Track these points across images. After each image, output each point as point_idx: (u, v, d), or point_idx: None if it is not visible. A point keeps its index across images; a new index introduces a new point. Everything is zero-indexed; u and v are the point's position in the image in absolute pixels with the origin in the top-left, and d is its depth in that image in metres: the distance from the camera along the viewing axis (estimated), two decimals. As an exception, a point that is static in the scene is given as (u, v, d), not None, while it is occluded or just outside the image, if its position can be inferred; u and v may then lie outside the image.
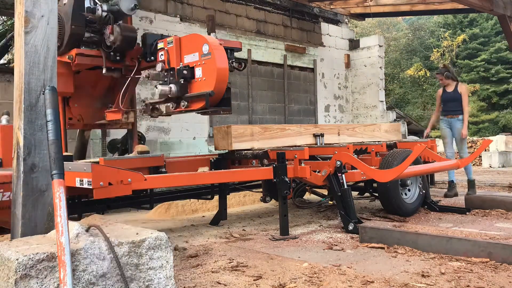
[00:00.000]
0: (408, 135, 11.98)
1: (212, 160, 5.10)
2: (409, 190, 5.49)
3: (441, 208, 5.60)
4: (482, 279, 2.96)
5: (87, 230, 2.31)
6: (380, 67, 11.08)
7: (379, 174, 4.61)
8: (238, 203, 6.80)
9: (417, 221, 5.02)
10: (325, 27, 10.88)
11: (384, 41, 12.19)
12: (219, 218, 5.40)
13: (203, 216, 5.95)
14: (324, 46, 10.78)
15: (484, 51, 32.70)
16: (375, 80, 11.01)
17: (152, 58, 4.20)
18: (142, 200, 4.89)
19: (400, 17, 33.78)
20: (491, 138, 15.67)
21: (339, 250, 3.91)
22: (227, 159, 5.21)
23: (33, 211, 2.53)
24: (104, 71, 4.23)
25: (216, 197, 5.44)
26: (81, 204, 4.40)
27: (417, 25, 36.40)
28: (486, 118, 31.23)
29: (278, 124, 7.23)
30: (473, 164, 15.14)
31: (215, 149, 5.28)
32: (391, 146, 5.83)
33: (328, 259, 3.59)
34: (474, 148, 15.80)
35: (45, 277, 2.06)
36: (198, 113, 4.17)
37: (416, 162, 5.12)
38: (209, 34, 4.22)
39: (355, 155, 4.96)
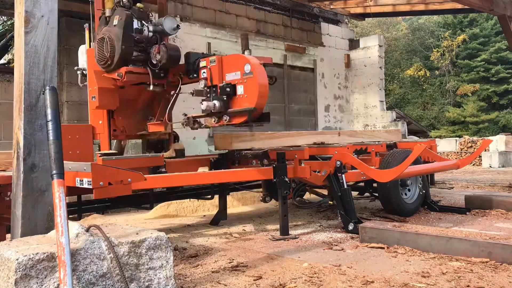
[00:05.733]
0: (408, 135, 11.98)
1: (212, 160, 5.10)
2: (409, 190, 5.49)
3: (441, 208, 5.60)
4: (482, 279, 2.96)
5: (87, 230, 2.31)
6: (380, 67, 11.08)
7: (379, 174, 4.60)
8: (238, 203, 6.80)
9: (417, 221, 5.02)
10: (325, 27, 10.87)
11: (384, 41, 12.18)
12: (219, 218, 5.40)
13: (204, 216, 5.94)
14: (324, 46, 10.77)
15: (484, 51, 32.67)
16: (375, 80, 11.00)
17: (195, 75, 4.41)
18: (142, 200, 4.89)
19: (400, 17, 33.75)
20: (491, 138, 15.66)
21: (339, 250, 3.91)
22: (227, 159, 5.21)
23: (33, 211, 2.53)
24: (151, 87, 4.46)
25: (216, 197, 5.44)
26: (81, 204, 4.39)
27: (417, 25, 36.36)
28: (486, 118, 31.21)
29: (280, 132, 6.99)
30: (473, 164, 15.15)
31: (215, 149, 5.28)
32: (391, 146, 5.83)
33: (328, 259, 3.59)
34: (474, 148, 15.80)
35: (45, 277, 2.06)
36: (237, 126, 4.32)
37: (416, 162, 5.12)
38: (243, 52, 4.51)
39: (355, 155, 4.96)
